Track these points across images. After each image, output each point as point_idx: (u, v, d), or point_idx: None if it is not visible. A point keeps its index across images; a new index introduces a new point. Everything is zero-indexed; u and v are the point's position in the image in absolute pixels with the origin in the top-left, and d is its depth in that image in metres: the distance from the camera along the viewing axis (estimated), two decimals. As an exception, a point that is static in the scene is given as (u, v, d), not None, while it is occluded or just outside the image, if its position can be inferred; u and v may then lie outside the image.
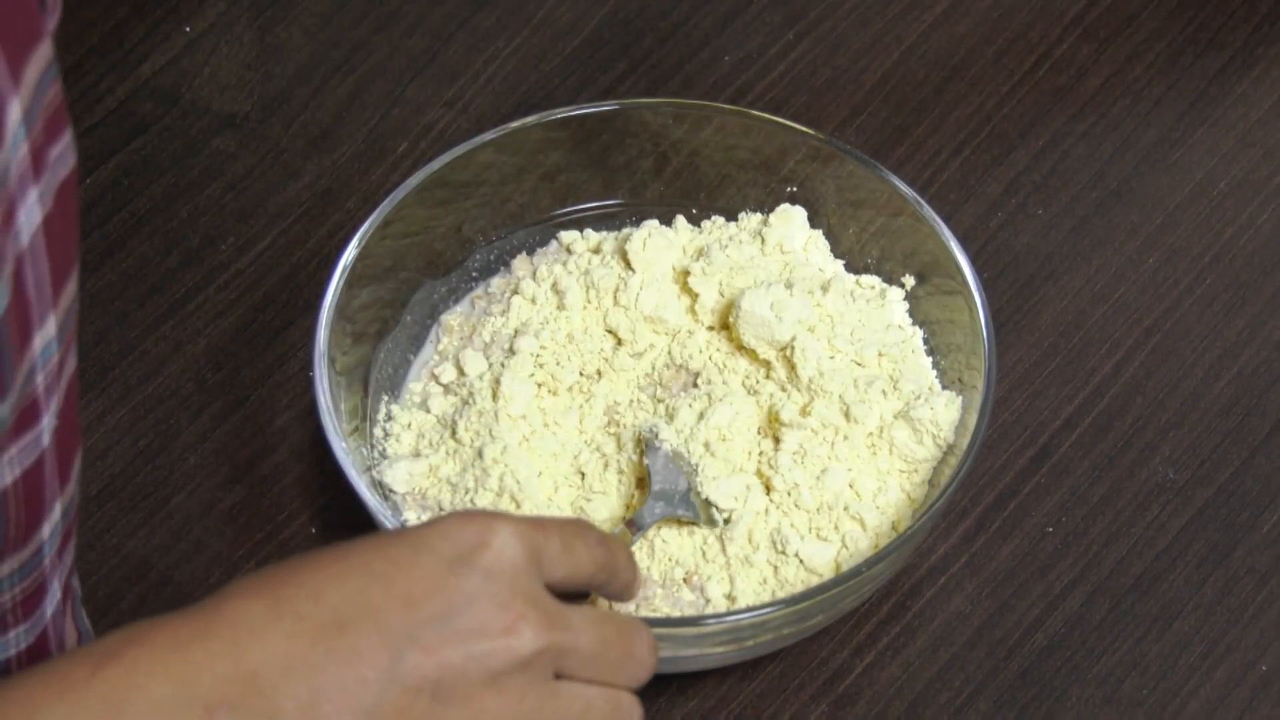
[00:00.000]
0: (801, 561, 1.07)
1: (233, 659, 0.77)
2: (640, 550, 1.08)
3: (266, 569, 0.80)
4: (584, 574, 0.84)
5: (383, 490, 1.09)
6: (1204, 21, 1.33)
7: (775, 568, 1.07)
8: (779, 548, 1.07)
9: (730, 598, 1.07)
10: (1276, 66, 1.31)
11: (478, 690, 0.79)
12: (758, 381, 1.12)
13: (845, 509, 1.08)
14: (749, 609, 1.02)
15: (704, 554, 1.08)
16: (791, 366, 1.11)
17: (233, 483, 1.16)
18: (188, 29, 1.32)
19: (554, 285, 1.15)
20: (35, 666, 0.77)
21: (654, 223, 1.18)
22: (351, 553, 0.80)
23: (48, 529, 0.84)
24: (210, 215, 1.25)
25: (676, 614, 1.06)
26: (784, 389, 1.12)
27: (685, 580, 1.07)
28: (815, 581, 1.07)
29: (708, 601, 1.07)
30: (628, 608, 1.06)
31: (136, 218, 1.25)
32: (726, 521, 1.07)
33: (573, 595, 0.85)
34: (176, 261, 1.24)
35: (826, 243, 1.18)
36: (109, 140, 1.27)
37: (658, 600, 1.07)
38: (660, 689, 1.10)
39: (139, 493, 1.16)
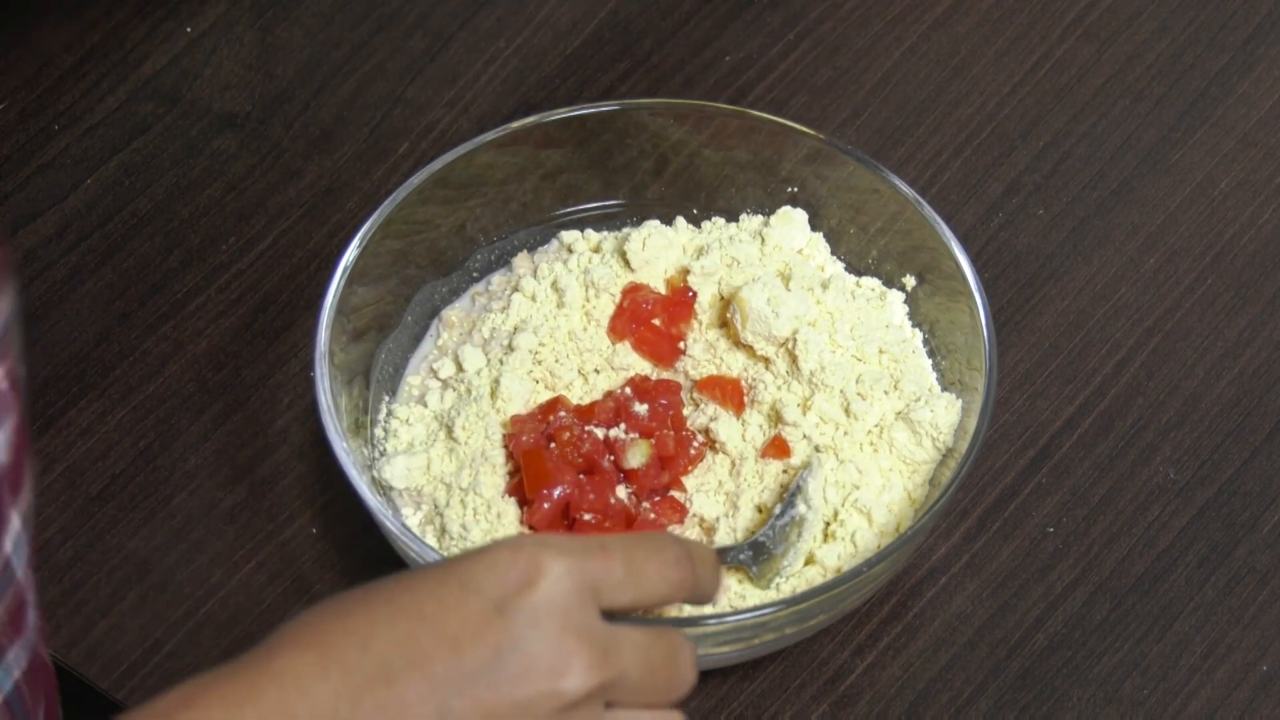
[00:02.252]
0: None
1: (284, 713, 0.76)
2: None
3: (319, 608, 0.79)
4: (653, 599, 0.82)
5: (383, 488, 1.09)
6: (1204, 21, 1.33)
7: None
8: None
9: (741, 595, 1.07)
10: (1276, 66, 1.31)
11: None
12: (756, 377, 1.12)
13: (855, 506, 1.08)
14: (750, 609, 1.02)
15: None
16: (793, 360, 1.12)
17: (233, 483, 1.16)
18: (188, 29, 1.32)
19: (554, 283, 1.15)
20: None
21: (654, 223, 1.18)
22: (402, 593, 0.79)
23: (9, 542, 0.83)
24: (211, 215, 1.25)
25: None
26: (784, 384, 1.12)
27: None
28: (818, 581, 1.07)
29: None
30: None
31: (137, 218, 1.25)
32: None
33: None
34: (177, 261, 1.24)
35: (827, 245, 1.18)
36: (110, 140, 1.27)
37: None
38: (661, 689, 1.10)
39: (140, 493, 1.16)
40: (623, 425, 1.09)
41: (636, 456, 1.08)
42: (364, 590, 0.80)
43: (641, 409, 1.09)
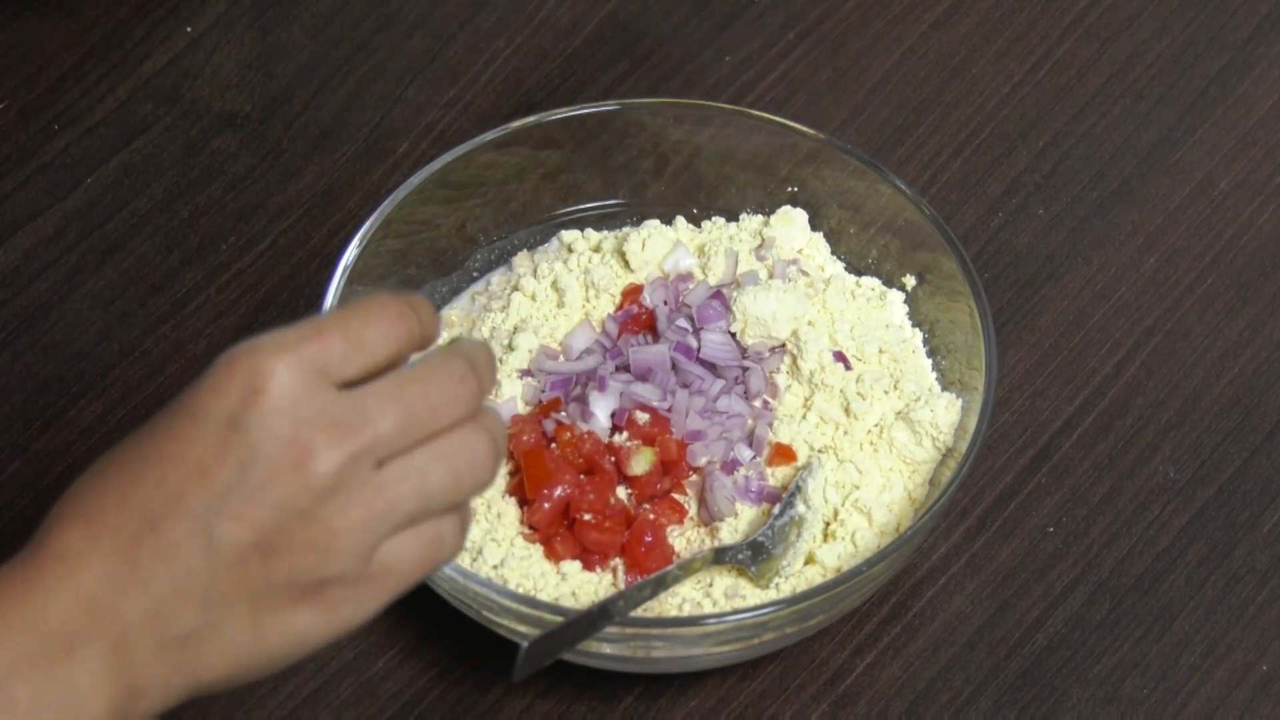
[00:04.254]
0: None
1: (70, 591, 0.78)
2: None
3: (82, 479, 0.81)
4: (384, 357, 0.82)
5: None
6: (1204, 21, 1.33)
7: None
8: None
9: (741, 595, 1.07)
10: (1276, 66, 1.31)
11: (299, 530, 0.80)
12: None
13: (855, 505, 1.08)
14: (750, 609, 1.02)
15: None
16: (792, 360, 1.12)
17: (233, 482, 1.16)
18: (189, 29, 1.32)
19: (554, 283, 1.16)
20: None
21: (654, 222, 1.19)
22: (144, 442, 0.80)
23: None
24: (211, 215, 1.25)
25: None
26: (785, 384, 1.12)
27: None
28: (818, 580, 1.07)
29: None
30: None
31: (137, 217, 1.25)
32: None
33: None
34: (177, 261, 1.24)
35: (827, 245, 1.18)
36: (110, 140, 1.28)
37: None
38: (660, 689, 1.10)
39: (140, 492, 1.16)
40: (625, 433, 1.09)
41: (640, 464, 1.08)
42: (116, 449, 0.81)
43: (643, 417, 1.09)
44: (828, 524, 1.09)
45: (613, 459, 1.09)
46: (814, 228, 1.18)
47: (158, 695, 0.80)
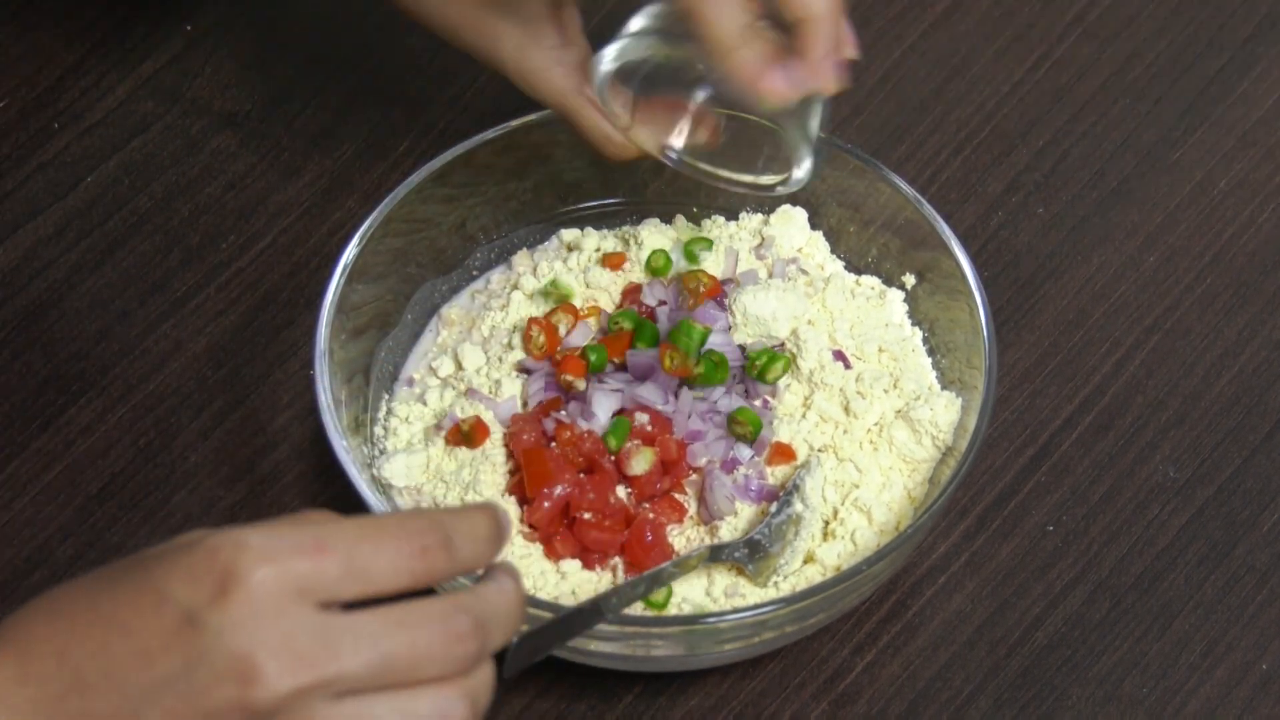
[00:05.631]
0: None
1: None
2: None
3: (32, 606, 0.79)
4: (387, 587, 0.79)
5: (382, 486, 1.09)
6: (1204, 21, 1.33)
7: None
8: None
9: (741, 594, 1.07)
10: (1276, 66, 1.32)
11: None
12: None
13: (854, 504, 1.08)
14: (749, 607, 1.02)
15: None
16: (791, 359, 1.12)
17: (233, 481, 1.16)
18: (188, 27, 1.32)
19: (554, 282, 1.16)
20: None
21: (654, 221, 1.19)
22: (104, 597, 0.78)
23: None
24: (211, 214, 1.25)
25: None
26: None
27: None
28: (817, 579, 1.07)
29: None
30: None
31: (137, 216, 1.25)
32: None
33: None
34: (177, 260, 1.24)
35: (826, 243, 1.18)
36: (110, 139, 1.28)
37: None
38: (660, 688, 1.10)
39: (140, 491, 1.16)
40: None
41: (640, 464, 1.08)
42: (74, 586, 0.79)
43: (643, 418, 1.09)
44: (827, 523, 1.09)
45: (613, 458, 1.09)
46: (813, 226, 1.18)
47: None
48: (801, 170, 1.03)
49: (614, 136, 1.03)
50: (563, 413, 1.10)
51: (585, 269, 1.16)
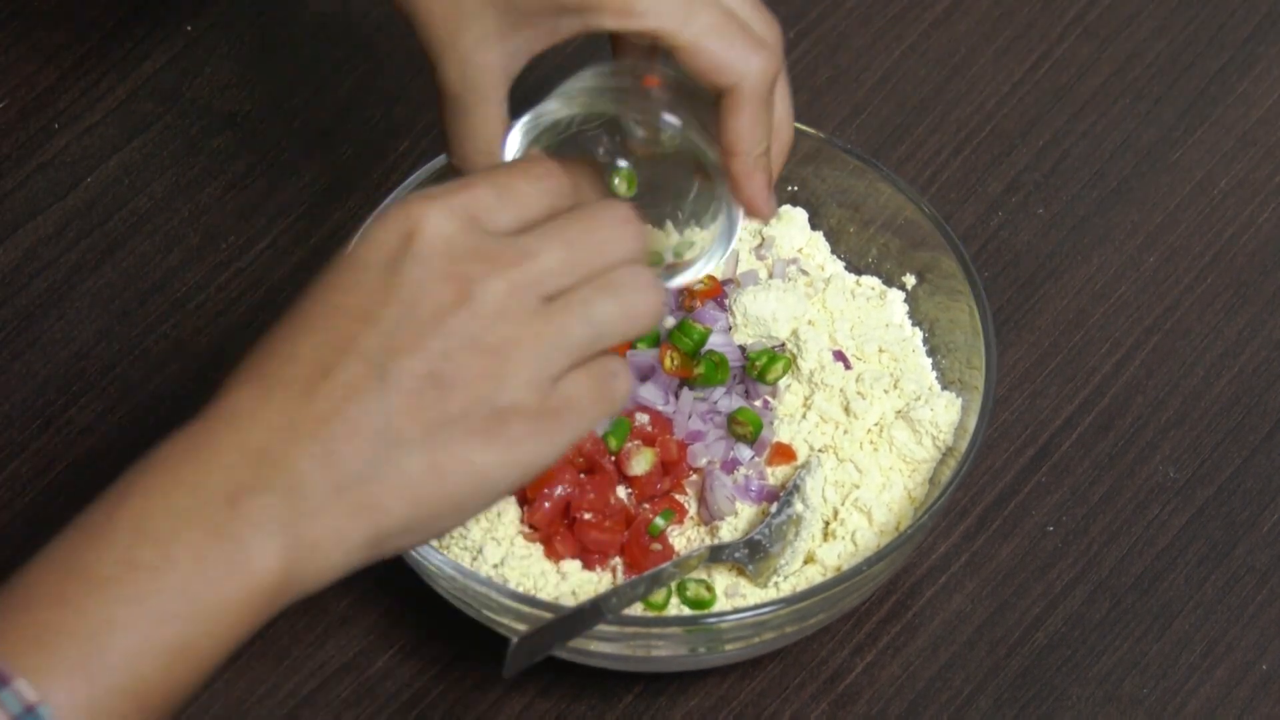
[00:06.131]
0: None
1: (237, 447, 0.78)
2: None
3: (247, 352, 0.81)
4: (536, 207, 0.83)
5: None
6: (1204, 21, 1.33)
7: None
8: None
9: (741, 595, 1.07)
10: (1276, 66, 1.31)
11: (470, 359, 0.79)
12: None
13: (855, 504, 1.08)
14: (749, 608, 1.02)
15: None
16: (791, 359, 1.12)
17: (233, 481, 1.16)
18: (188, 27, 1.32)
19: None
20: (61, 531, 0.78)
21: (654, 222, 1.19)
22: (309, 301, 0.81)
23: None
24: (211, 214, 1.25)
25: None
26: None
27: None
28: (818, 579, 1.07)
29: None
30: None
31: (137, 216, 1.25)
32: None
33: None
34: (177, 260, 1.24)
35: (826, 244, 1.18)
36: (110, 139, 1.28)
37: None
38: (660, 688, 1.10)
39: (140, 491, 1.16)
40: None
41: (640, 464, 1.08)
42: (282, 315, 0.81)
43: (643, 418, 1.09)
44: (827, 523, 1.09)
45: (613, 459, 1.09)
46: (813, 227, 1.18)
47: (334, 550, 0.79)
48: (734, 223, 1.00)
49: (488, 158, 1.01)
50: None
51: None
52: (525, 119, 0.97)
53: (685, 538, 1.09)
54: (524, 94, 0.98)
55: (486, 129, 0.97)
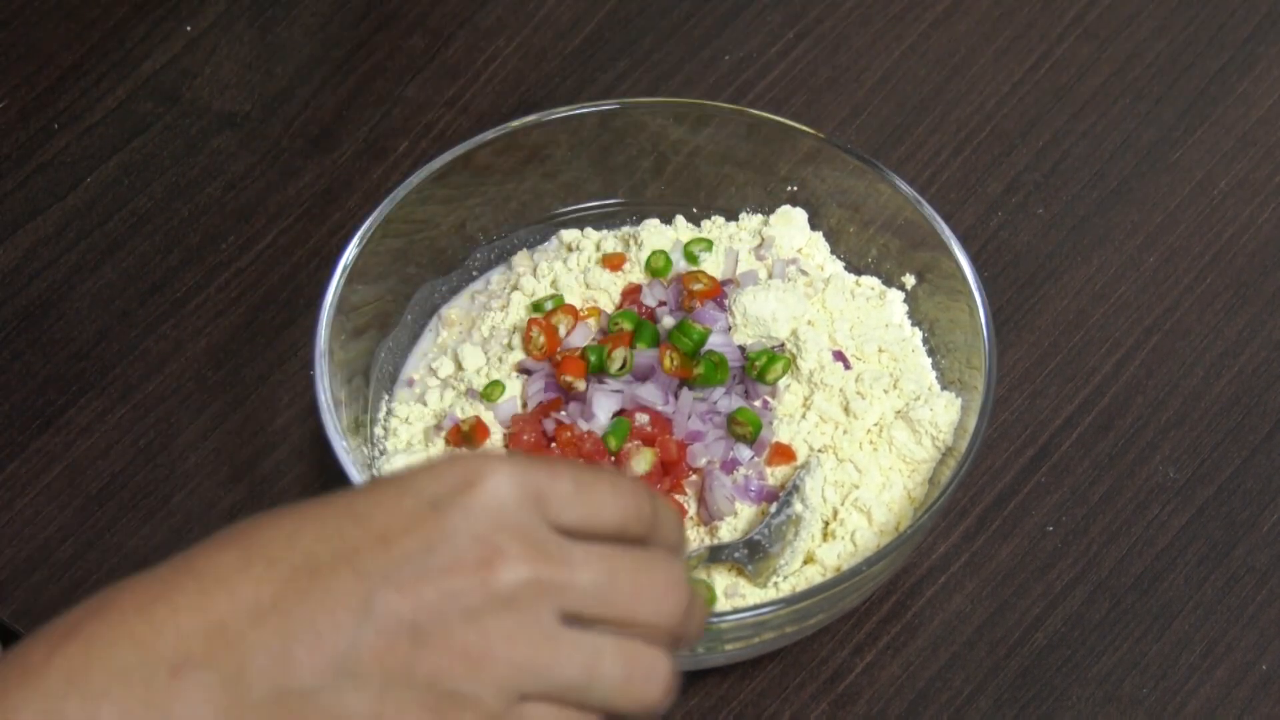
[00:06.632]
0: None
1: (199, 611, 0.73)
2: None
3: (246, 520, 0.76)
4: (607, 521, 0.77)
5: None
6: (1204, 21, 1.33)
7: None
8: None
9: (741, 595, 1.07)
10: (1276, 66, 1.31)
11: (457, 629, 0.74)
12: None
13: (854, 504, 1.08)
14: (749, 608, 1.02)
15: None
16: (791, 359, 1.12)
17: (233, 482, 1.16)
18: (188, 28, 1.32)
19: (554, 282, 1.16)
20: (1, 656, 0.74)
21: (654, 221, 1.19)
22: (337, 497, 0.76)
23: None
24: (211, 214, 1.25)
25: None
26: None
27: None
28: (817, 579, 1.07)
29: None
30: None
31: (137, 216, 1.25)
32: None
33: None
34: (177, 260, 1.24)
35: (826, 244, 1.18)
36: (110, 139, 1.28)
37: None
38: (661, 688, 1.10)
39: (139, 491, 1.16)
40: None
41: (640, 464, 1.08)
42: (301, 502, 0.77)
43: (643, 419, 1.09)
44: (827, 523, 1.09)
45: (613, 459, 1.09)
46: (813, 227, 1.19)
47: None
48: None
49: None
50: (563, 413, 1.10)
51: (585, 269, 1.16)
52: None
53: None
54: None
55: None
